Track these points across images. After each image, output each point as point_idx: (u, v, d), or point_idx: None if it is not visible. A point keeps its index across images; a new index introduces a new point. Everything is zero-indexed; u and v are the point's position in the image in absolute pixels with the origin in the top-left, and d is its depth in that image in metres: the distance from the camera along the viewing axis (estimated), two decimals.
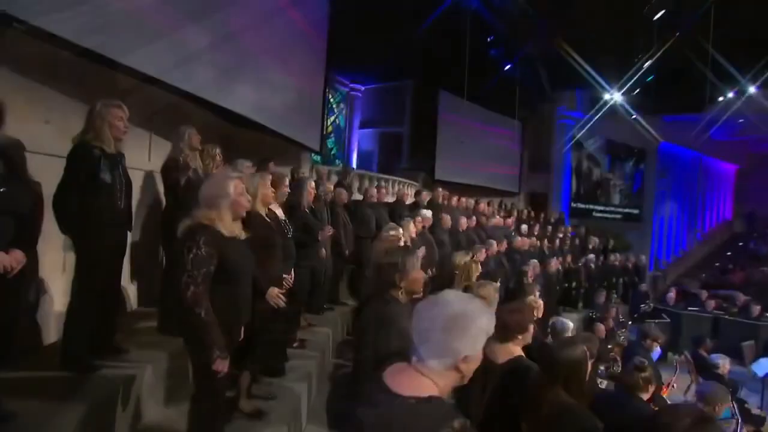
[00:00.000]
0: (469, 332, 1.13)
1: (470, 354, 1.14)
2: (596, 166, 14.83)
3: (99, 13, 2.84)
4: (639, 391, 2.53)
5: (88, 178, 2.27)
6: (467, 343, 1.13)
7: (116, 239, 2.49)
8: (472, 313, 1.15)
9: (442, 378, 1.14)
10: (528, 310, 2.37)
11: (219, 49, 4.15)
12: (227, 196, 1.97)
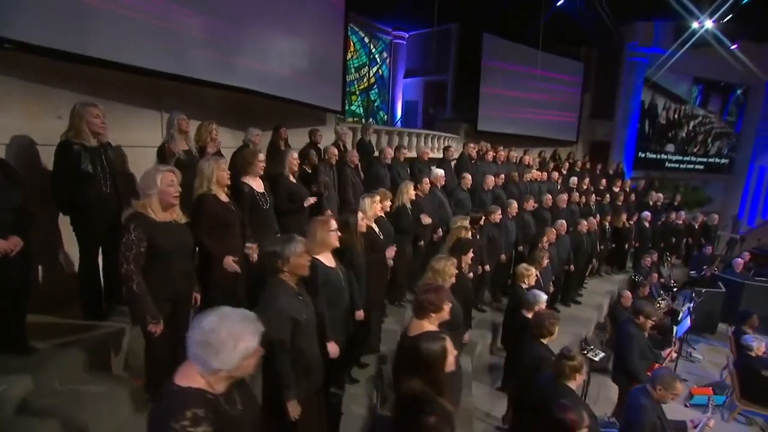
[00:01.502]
0: (220, 354, 1.32)
1: (223, 368, 1.34)
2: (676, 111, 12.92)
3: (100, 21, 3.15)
4: (565, 379, 2.56)
5: (71, 169, 2.71)
6: (219, 361, 1.33)
7: (107, 218, 2.91)
8: (228, 337, 1.33)
9: (208, 376, 1.36)
10: (444, 292, 2.44)
11: (217, 28, 4.32)
12: (155, 188, 2.30)
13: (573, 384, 2.58)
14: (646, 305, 4.31)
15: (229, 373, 1.39)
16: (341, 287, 2.75)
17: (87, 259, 2.96)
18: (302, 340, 2.07)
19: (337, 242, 2.76)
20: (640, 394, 3.00)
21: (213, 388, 1.40)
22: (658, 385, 2.92)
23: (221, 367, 1.35)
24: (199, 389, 1.37)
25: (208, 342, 1.34)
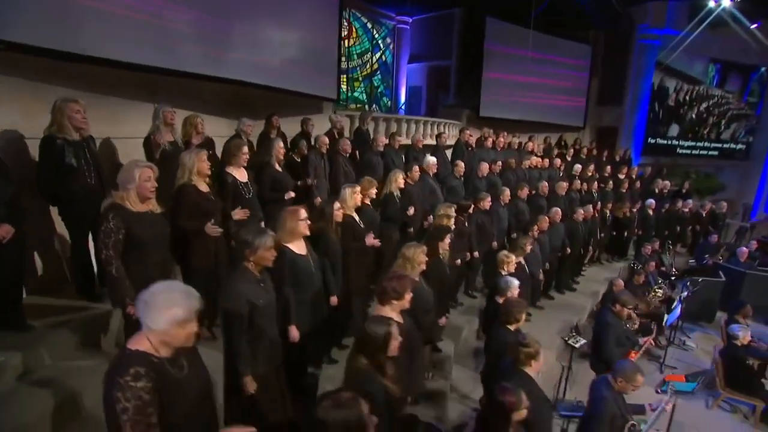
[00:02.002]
0: (152, 314, 1.57)
1: (157, 329, 1.57)
2: (688, 92, 12.42)
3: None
4: (522, 365, 2.67)
5: (55, 163, 2.90)
6: (152, 323, 1.57)
7: (94, 208, 3.09)
8: (162, 302, 1.58)
9: (153, 338, 1.59)
10: (407, 280, 2.56)
11: (208, 21, 4.43)
12: (133, 182, 2.47)
13: (530, 370, 2.68)
14: (624, 294, 4.36)
15: (163, 337, 1.61)
16: (311, 273, 2.90)
17: (77, 247, 3.18)
18: (260, 322, 2.24)
19: (306, 231, 2.91)
20: (603, 385, 3.09)
21: (158, 352, 1.62)
22: (619, 377, 3.00)
23: (151, 326, 1.59)
24: (144, 352, 1.59)
25: (146, 302, 1.59)
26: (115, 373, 1.52)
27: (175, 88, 4.65)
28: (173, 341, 1.63)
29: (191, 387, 1.70)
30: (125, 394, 1.48)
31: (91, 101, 3.82)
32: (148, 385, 1.52)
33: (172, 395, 1.60)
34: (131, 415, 1.48)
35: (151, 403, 1.52)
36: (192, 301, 1.64)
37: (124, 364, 1.54)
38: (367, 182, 4.48)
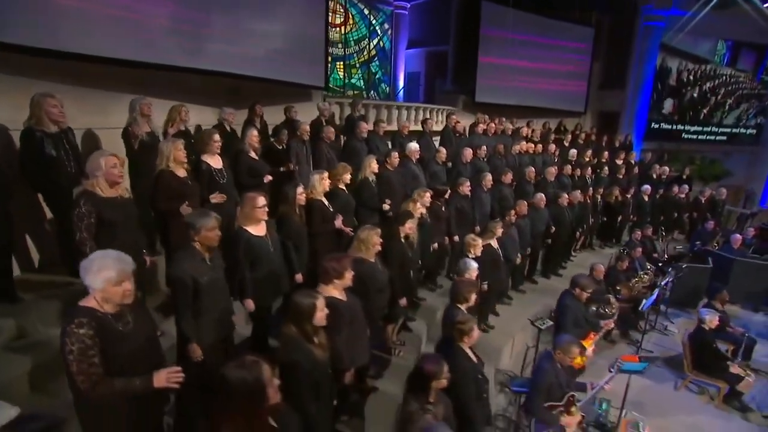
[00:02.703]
0: (89, 276, 1.89)
1: (96, 288, 1.88)
2: (692, 72, 12.01)
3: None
4: (456, 340, 2.89)
5: (35, 153, 3.17)
6: (92, 283, 1.90)
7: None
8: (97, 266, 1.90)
9: (98, 296, 1.92)
10: (346, 261, 2.79)
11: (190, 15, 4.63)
12: (101, 170, 2.74)
13: (464, 344, 2.89)
14: (583, 278, 4.50)
15: (104, 295, 1.93)
16: (268, 252, 3.15)
17: (63, 228, 3.49)
18: (205, 297, 2.50)
19: (263, 216, 3.15)
20: (545, 357, 3.29)
21: (102, 308, 1.95)
22: (558, 350, 3.20)
23: (90, 285, 1.92)
24: (90, 307, 1.93)
25: (85, 267, 1.93)
26: (65, 323, 1.86)
27: (162, 80, 4.90)
28: (113, 298, 1.96)
29: (136, 339, 2.02)
30: (71, 339, 1.82)
31: (79, 95, 4.15)
32: (90, 332, 1.84)
33: (115, 344, 1.93)
34: (75, 356, 1.82)
35: (92, 347, 1.84)
36: (123, 265, 1.96)
37: (72, 316, 1.88)
38: (342, 168, 4.68)
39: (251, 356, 1.75)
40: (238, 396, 1.63)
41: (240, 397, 1.63)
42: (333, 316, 2.68)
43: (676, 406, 4.92)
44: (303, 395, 2.19)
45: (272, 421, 1.78)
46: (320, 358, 2.29)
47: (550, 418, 3.07)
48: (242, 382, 1.64)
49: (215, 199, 3.78)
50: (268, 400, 1.68)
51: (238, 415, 1.62)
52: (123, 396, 1.91)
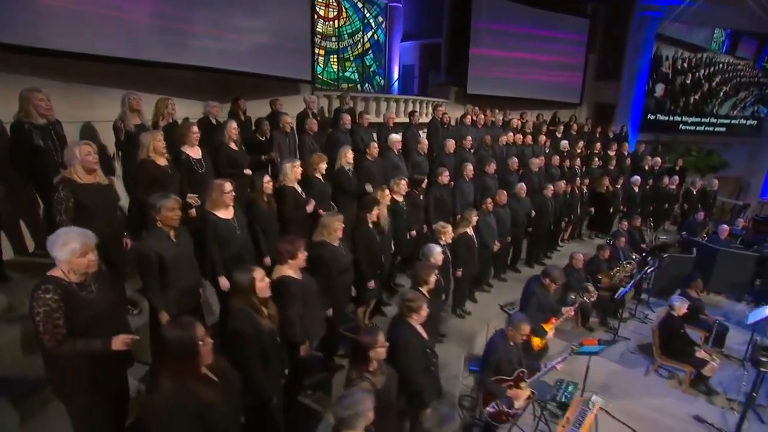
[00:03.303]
0: (55, 249, 2.14)
1: (62, 259, 2.12)
2: (686, 60, 11.83)
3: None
4: (405, 316, 3.07)
5: (23, 144, 3.42)
6: (58, 255, 2.14)
7: None
8: (63, 239, 2.13)
9: (64, 267, 2.16)
10: (298, 243, 3.00)
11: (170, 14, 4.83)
12: (76, 158, 2.98)
13: (413, 321, 3.08)
14: (555, 269, 4.65)
15: (69, 266, 2.17)
16: (234, 234, 3.38)
17: (48, 214, 3.73)
18: (170, 271, 2.74)
19: (229, 201, 3.37)
20: (497, 335, 3.47)
21: (68, 277, 2.19)
22: (510, 327, 3.38)
23: (56, 257, 2.16)
24: (56, 276, 2.18)
25: (51, 240, 2.17)
26: (34, 290, 2.12)
27: (149, 75, 5.14)
28: (78, 269, 2.20)
29: (98, 306, 2.26)
30: (38, 303, 2.08)
31: (68, 90, 4.42)
32: (55, 297, 2.10)
33: (79, 309, 2.18)
34: (42, 317, 2.08)
35: (56, 310, 2.10)
36: (86, 239, 2.21)
37: (40, 284, 2.13)
38: (317, 157, 4.88)
39: (188, 317, 1.98)
40: (173, 350, 1.86)
41: (175, 351, 1.86)
42: (285, 293, 2.92)
43: (643, 390, 5.06)
44: (250, 361, 2.42)
45: (212, 376, 2.01)
46: (267, 328, 2.51)
47: (498, 390, 3.26)
48: (177, 338, 1.87)
49: (191, 200, 3.99)
50: (201, 356, 1.91)
51: (174, 366, 1.86)
52: (84, 355, 2.15)
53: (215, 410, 1.90)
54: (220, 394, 1.94)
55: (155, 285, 2.72)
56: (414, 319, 3.08)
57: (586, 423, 3.57)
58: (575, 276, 6.46)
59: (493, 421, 3.30)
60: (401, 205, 5.25)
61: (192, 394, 1.85)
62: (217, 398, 1.92)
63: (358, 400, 2.07)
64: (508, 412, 3.29)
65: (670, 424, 4.48)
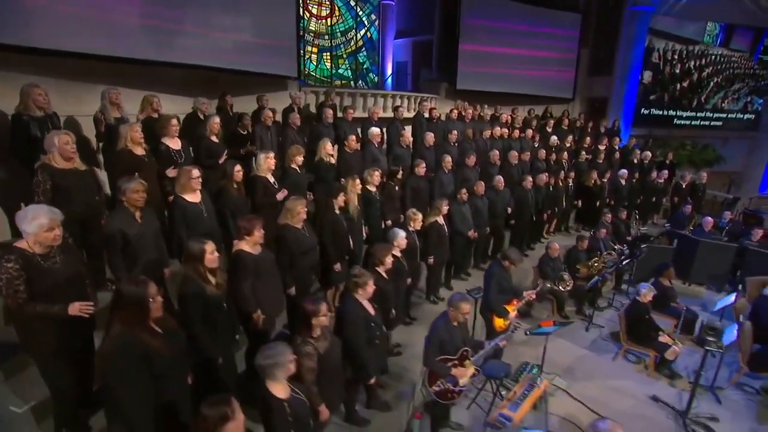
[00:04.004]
0: (24, 223, 2.40)
1: (30, 232, 2.40)
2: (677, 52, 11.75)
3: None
4: (351, 291, 3.31)
5: (22, 134, 3.75)
6: (24, 226, 2.41)
7: None
8: (31, 214, 2.40)
9: (30, 239, 2.43)
10: (256, 221, 3.27)
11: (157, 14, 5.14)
12: (55, 147, 3.28)
13: (359, 296, 3.31)
14: (512, 252, 4.82)
15: (36, 239, 2.44)
16: (201, 217, 3.65)
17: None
18: (134, 246, 3.02)
19: (197, 186, 3.65)
20: (440, 316, 3.65)
21: (32, 249, 2.47)
22: (450, 307, 3.56)
23: (24, 230, 2.43)
24: (20, 247, 2.46)
25: (20, 216, 2.45)
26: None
27: (137, 72, 5.47)
28: (44, 241, 2.48)
29: (60, 275, 2.54)
30: (1, 270, 2.35)
31: (59, 86, 4.74)
32: (16, 267, 2.38)
33: (41, 278, 2.46)
34: (4, 282, 2.37)
35: (18, 277, 2.39)
36: (53, 214, 2.49)
37: (5, 254, 2.41)
38: (295, 149, 5.16)
39: (143, 277, 2.26)
40: (127, 303, 2.16)
41: (128, 304, 2.15)
42: (239, 265, 3.21)
43: (606, 373, 5.21)
44: (195, 323, 2.69)
45: (158, 329, 2.30)
46: (212, 294, 2.78)
47: (441, 368, 3.45)
48: (131, 293, 2.16)
49: (171, 173, 4.30)
50: (150, 310, 2.19)
51: (125, 316, 2.15)
52: (44, 317, 2.44)
53: (160, 357, 2.17)
54: (165, 344, 2.22)
55: (119, 259, 3.01)
56: (360, 294, 3.31)
57: (530, 397, 3.78)
58: (551, 265, 6.64)
59: (440, 398, 3.49)
60: (374, 194, 5.49)
61: (138, 340, 2.14)
62: (161, 347, 2.20)
63: (278, 352, 2.31)
64: (453, 389, 3.47)
65: (626, 403, 4.63)
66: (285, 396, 2.36)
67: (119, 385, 2.07)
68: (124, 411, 2.08)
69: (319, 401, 2.74)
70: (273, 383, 2.34)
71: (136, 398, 2.09)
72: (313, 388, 2.70)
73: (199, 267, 2.75)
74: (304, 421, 2.41)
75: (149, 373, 2.12)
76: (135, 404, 2.10)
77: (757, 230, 7.73)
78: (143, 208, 3.20)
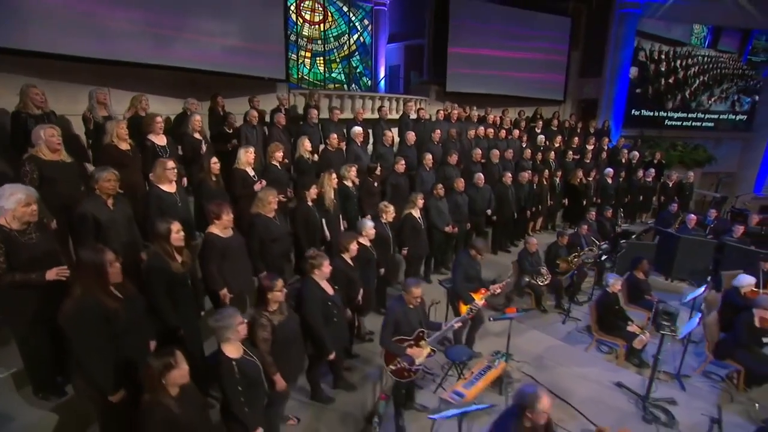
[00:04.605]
0: (4, 200, 2.62)
1: (8, 208, 2.63)
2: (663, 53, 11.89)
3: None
4: (309, 273, 3.54)
5: (20, 131, 4.06)
6: (4, 204, 2.63)
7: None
8: (9, 192, 2.64)
9: (8, 216, 2.66)
10: (224, 207, 3.53)
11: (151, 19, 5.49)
12: (41, 139, 3.57)
13: (317, 276, 3.54)
14: (479, 242, 5.02)
15: (14, 214, 2.68)
16: (176, 206, 3.91)
17: None
18: (105, 231, 3.28)
19: (172, 177, 3.92)
20: (397, 299, 3.80)
21: (9, 225, 2.71)
22: (404, 291, 3.75)
23: (3, 205, 2.66)
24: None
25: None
26: None
27: (129, 74, 5.81)
28: (22, 217, 2.73)
29: (36, 250, 2.79)
30: None
31: (54, 87, 5.07)
32: None
33: (18, 251, 2.70)
34: None
35: None
36: (29, 191, 2.76)
37: None
38: (274, 146, 5.43)
39: (100, 245, 2.52)
40: (86, 267, 2.42)
41: (87, 268, 2.42)
42: (207, 247, 3.48)
43: (575, 361, 5.34)
44: (158, 295, 2.95)
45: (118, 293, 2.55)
46: (177, 271, 3.04)
47: (396, 348, 3.65)
48: (89, 258, 2.42)
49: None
50: (108, 275, 2.45)
51: (85, 280, 2.42)
52: (22, 285, 2.69)
53: (118, 319, 2.43)
54: (123, 307, 2.47)
55: (90, 241, 3.25)
56: (317, 274, 3.54)
57: (486, 377, 3.97)
58: (529, 260, 6.81)
59: (397, 377, 3.69)
60: (351, 189, 5.74)
61: (98, 301, 2.39)
62: (120, 309, 2.45)
63: (227, 315, 2.55)
64: (409, 368, 3.67)
65: (590, 389, 4.77)
66: (236, 356, 2.59)
67: (79, 341, 2.33)
68: (84, 365, 2.33)
69: (274, 370, 2.97)
70: (225, 345, 2.59)
71: (94, 354, 2.35)
72: (267, 357, 2.93)
73: (164, 245, 3.01)
74: (253, 382, 2.64)
75: (107, 332, 2.37)
76: (93, 359, 2.36)
77: (738, 227, 7.81)
78: (116, 196, 3.47)
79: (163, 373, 2.12)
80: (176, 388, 2.22)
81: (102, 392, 2.43)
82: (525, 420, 2.69)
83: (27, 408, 2.89)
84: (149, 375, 2.12)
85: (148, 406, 2.16)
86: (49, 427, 2.84)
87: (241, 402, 2.53)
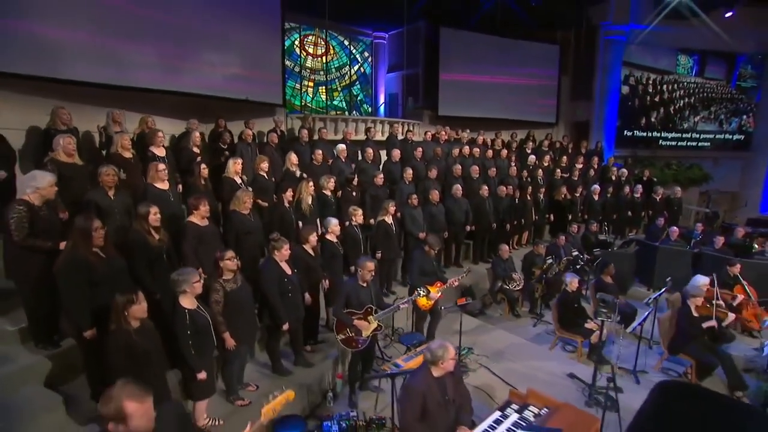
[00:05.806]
0: (38, 181, 3.39)
1: (40, 186, 3.39)
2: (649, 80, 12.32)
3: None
4: (271, 253, 4.13)
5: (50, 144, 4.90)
6: (37, 184, 3.38)
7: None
8: (39, 175, 3.40)
9: (32, 194, 3.39)
10: (202, 199, 4.21)
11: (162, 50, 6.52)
12: (59, 145, 4.40)
13: (277, 257, 4.13)
14: (432, 239, 5.51)
15: (39, 192, 3.42)
16: (169, 201, 4.64)
17: None
18: (104, 215, 4.01)
19: (164, 177, 4.66)
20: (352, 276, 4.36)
21: (33, 201, 3.42)
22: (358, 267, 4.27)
23: (36, 185, 3.39)
24: (24, 199, 3.40)
25: (29, 176, 3.45)
26: (10, 204, 3.38)
27: (140, 99, 6.79)
28: (47, 195, 3.47)
29: (47, 222, 3.51)
30: (11, 213, 3.31)
31: (80, 108, 6.04)
32: (24, 210, 3.33)
33: (37, 221, 3.41)
34: (15, 220, 3.30)
35: (24, 218, 3.33)
36: (52, 176, 3.54)
37: (14, 202, 3.39)
38: (259, 159, 6.19)
39: (91, 214, 3.21)
40: (76, 230, 3.12)
41: (77, 231, 3.11)
42: (185, 232, 4.15)
43: (535, 357, 5.61)
44: (138, 264, 3.61)
45: (101, 254, 3.22)
46: (152, 244, 3.70)
47: (345, 318, 4.15)
48: (79, 224, 3.12)
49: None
50: (93, 238, 3.13)
51: (75, 240, 3.10)
52: (38, 248, 3.38)
53: (96, 271, 3.09)
54: (102, 263, 3.14)
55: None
56: (277, 255, 4.14)
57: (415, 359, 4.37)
58: (502, 266, 7.21)
59: (345, 345, 4.18)
60: (329, 197, 6.38)
61: (82, 257, 3.06)
62: (100, 265, 3.11)
63: (187, 272, 3.18)
64: (357, 339, 4.16)
65: (543, 379, 5.04)
66: (189, 307, 3.19)
67: (65, 285, 3.00)
68: (67, 304, 2.98)
69: (224, 329, 3.53)
70: (182, 297, 3.19)
71: (75, 295, 3.00)
72: (218, 317, 3.51)
73: (144, 223, 3.70)
74: (202, 330, 3.21)
75: (87, 280, 3.03)
76: (74, 299, 3.01)
77: (719, 238, 7.96)
78: (117, 189, 4.24)
79: (126, 307, 2.74)
80: (137, 321, 2.82)
81: (79, 328, 3.06)
82: (435, 370, 3.12)
83: (28, 355, 3.54)
84: (115, 308, 2.73)
85: (113, 333, 2.76)
86: (44, 369, 3.48)
87: (189, 345, 3.10)
